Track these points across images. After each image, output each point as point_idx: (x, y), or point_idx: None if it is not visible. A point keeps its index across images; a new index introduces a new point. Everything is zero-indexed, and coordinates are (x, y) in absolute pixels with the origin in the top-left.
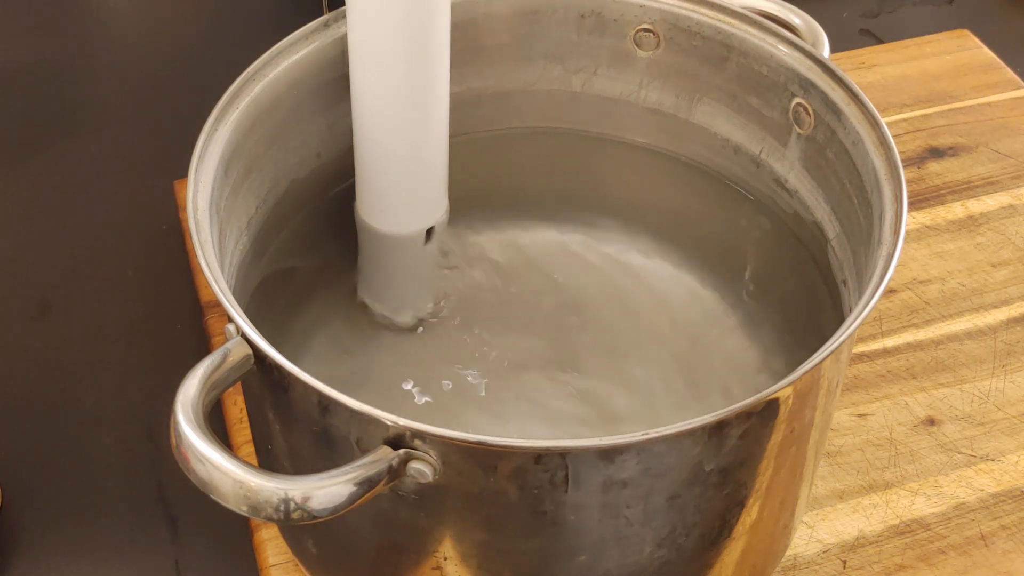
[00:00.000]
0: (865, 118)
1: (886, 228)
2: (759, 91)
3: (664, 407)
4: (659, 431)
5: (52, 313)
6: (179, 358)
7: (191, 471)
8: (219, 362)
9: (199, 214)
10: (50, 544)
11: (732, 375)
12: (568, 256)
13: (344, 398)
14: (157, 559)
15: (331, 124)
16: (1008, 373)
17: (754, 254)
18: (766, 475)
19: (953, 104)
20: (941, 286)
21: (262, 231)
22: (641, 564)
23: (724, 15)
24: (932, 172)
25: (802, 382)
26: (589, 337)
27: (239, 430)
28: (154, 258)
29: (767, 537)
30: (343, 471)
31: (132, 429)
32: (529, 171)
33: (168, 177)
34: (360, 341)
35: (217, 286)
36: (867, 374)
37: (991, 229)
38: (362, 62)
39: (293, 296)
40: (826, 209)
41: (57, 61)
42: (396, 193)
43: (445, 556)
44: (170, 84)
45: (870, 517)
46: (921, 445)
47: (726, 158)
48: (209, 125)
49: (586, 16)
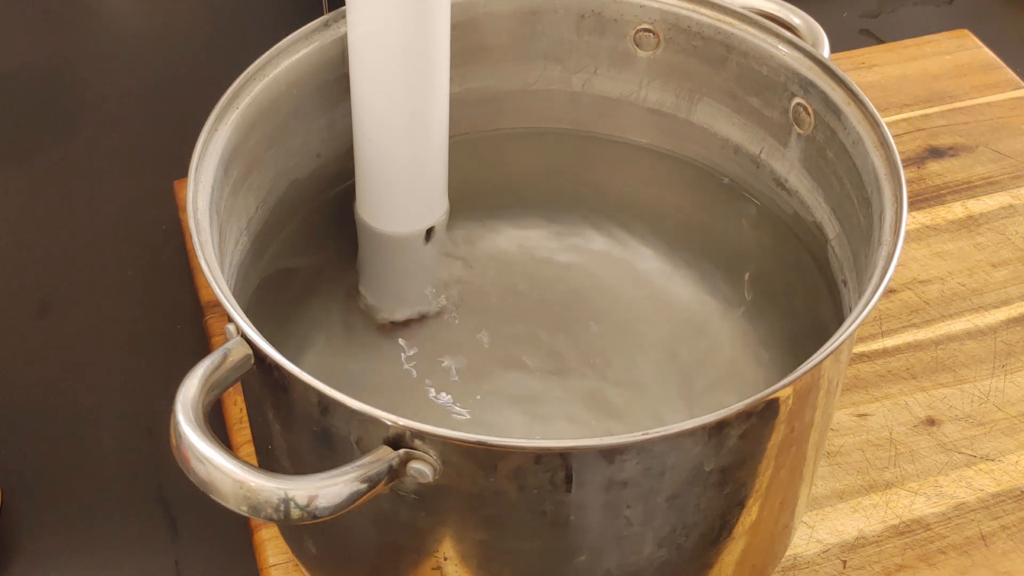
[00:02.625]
0: (865, 118)
1: (886, 228)
2: (759, 91)
3: (664, 407)
4: (659, 431)
5: (52, 313)
6: (179, 358)
7: (191, 471)
8: (219, 362)
9: (199, 214)
10: (50, 544)
11: (732, 375)
12: (568, 255)
13: (344, 398)
14: (157, 559)
15: (331, 124)
16: (1008, 373)
17: (754, 254)
18: (766, 475)
19: (953, 104)
20: (941, 286)
21: (262, 231)
22: (641, 564)
23: (724, 15)
24: (932, 172)
25: (802, 382)
26: (589, 337)
27: (239, 430)
28: (154, 258)
29: (767, 537)
30: (343, 471)
31: (132, 429)
32: (529, 171)
33: (168, 177)
34: (360, 341)
35: (217, 286)
36: (867, 374)
37: (991, 229)
38: (362, 62)
39: (293, 296)
40: (826, 209)
41: (57, 61)
42: (396, 193)
43: (445, 556)
44: (170, 84)
45: (870, 517)
46: (921, 445)
47: (726, 158)
48: (209, 125)
49: (586, 16)
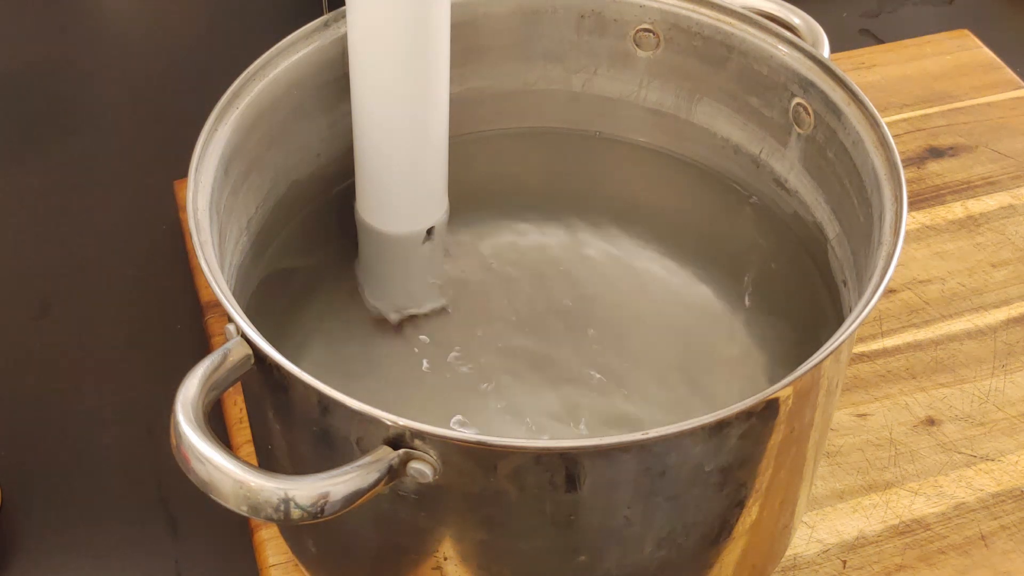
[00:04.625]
0: (865, 118)
1: (886, 228)
2: (759, 91)
3: (663, 406)
4: (659, 431)
5: (52, 313)
6: (179, 358)
7: (191, 471)
8: (219, 362)
9: (199, 214)
10: (50, 544)
11: (731, 375)
12: (568, 255)
13: (344, 398)
14: (157, 559)
15: (331, 124)
16: (1008, 373)
17: (754, 254)
18: (766, 475)
19: (953, 104)
20: (941, 286)
21: (262, 231)
22: (641, 564)
23: (724, 15)
24: (932, 172)
25: (802, 382)
26: (589, 336)
27: (239, 430)
28: (154, 258)
29: (767, 537)
30: (343, 471)
31: (132, 429)
32: (529, 171)
33: (168, 177)
34: (360, 341)
35: (217, 286)
36: (867, 374)
37: (991, 229)
38: (362, 62)
39: (293, 296)
40: (826, 209)
41: (57, 61)
42: (396, 193)
43: (445, 556)
44: (170, 84)
45: (870, 517)
46: (921, 445)
47: (726, 158)
48: (209, 125)
49: (586, 16)
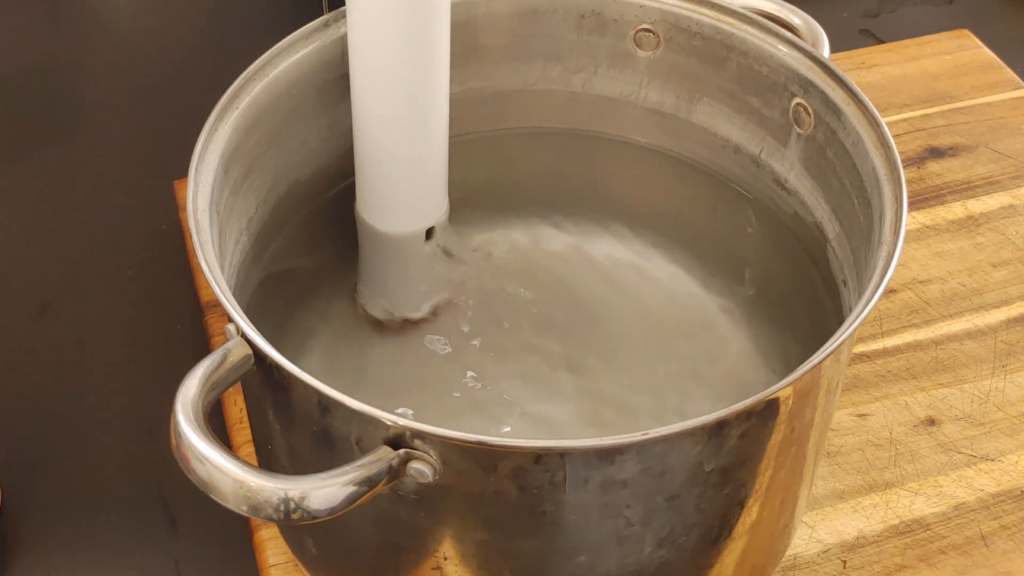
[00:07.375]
0: (865, 118)
1: (886, 228)
2: (759, 91)
3: (663, 406)
4: (659, 431)
5: (52, 313)
6: (179, 358)
7: (191, 471)
8: (219, 362)
9: (199, 214)
10: (50, 544)
11: (731, 375)
12: (568, 256)
13: (344, 398)
14: (157, 559)
15: (331, 124)
16: (1008, 373)
17: (754, 254)
18: (766, 475)
19: (953, 104)
20: (941, 286)
21: (262, 231)
22: (641, 564)
23: (724, 15)
24: (932, 172)
25: (802, 382)
26: (589, 336)
27: (239, 430)
28: (154, 258)
29: (767, 537)
30: (343, 471)
31: (132, 429)
32: (529, 171)
33: (168, 177)
34: (360, 341)
35: (217, 286)
36: (867, 374)
37: (991, 229)
38: (362, 62)
39: (293, 296)
40: (826, 209)
41: (57, 61)
42: (396, 193)
43: (445, 556)
44: (170, 84)
45: (870, 517)
46: (921, 445)
47: (726, 158)
48: (209, 125)
49: (586, 16)
